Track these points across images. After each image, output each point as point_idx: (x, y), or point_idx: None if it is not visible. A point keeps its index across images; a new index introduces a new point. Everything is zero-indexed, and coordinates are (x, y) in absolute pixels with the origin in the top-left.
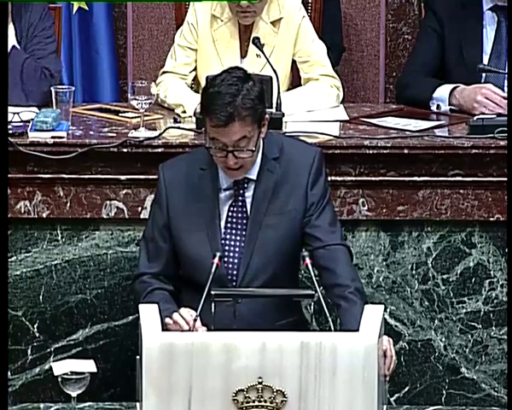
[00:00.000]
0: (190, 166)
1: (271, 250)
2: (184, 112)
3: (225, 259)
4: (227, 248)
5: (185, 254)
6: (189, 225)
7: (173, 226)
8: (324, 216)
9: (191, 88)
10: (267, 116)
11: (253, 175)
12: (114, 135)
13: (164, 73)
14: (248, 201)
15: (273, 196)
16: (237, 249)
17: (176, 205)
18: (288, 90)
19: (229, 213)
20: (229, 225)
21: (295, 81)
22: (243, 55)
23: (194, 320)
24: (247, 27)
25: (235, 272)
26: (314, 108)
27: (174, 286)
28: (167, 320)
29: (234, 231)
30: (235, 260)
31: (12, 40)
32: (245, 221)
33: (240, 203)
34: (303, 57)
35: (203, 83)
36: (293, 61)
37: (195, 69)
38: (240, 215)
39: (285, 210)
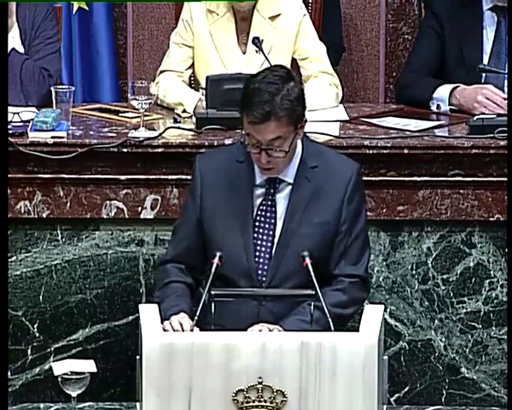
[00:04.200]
0: (227, 159)
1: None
2: (184, 111)
3: (256, 255)
4: (254, 246)
5: (216, 246)
6: (221, 217)
7: (205, 218)
8: (355, 245)
9: (190, 86)
10: (305, 119)
11: (289, 178)
12: (114, 135)
13: (161, 72)
14: (279, 202)
15: (308, 205)
16: (263, 249)
17: (210, 197)
18: None
19: (259, 212)
20: (257, 223)
21: None
22: (243, 50)
23: (192, 319)
24: (243, 21)
25: (260, 272)
26: (313, 108)
27: (195, 278)
28: (166, 324)
29: (262, 230)
30: (261, 260)
31: (16, 41)
32: (273, 221)
33: (269, 202)
34: (302, 55)
35: (202, 80)
36: (294, 59)
37: (192, 67)
38: (269, 215)
39: (319, 221)
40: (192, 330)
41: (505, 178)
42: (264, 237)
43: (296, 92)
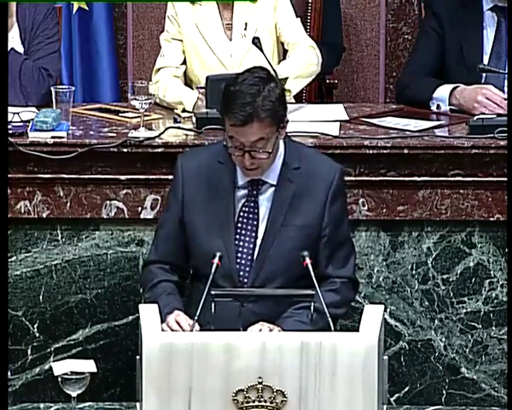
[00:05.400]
0: (209, 159)
1: (284, 261)
2: (184, 110)
3: (238, 256)
4: (236, 247)
5: (198, 247)
6: (203, 218)
7: (187, 218)
8: (342, 249)
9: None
10: (287, 119)
11: (272, 179)
12: (114, 135)
13: (157, 71)
14: (262, 203)
15: (291, 206)
16: (245, 250)
17: (191, 197)
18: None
19: (241, 213)
20: (239, 224)
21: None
22: (229, 36)
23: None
24: (226, 7)
25: (241, 273)
26: (299, 75)
27: (181, 276)
28: (164, 325)
29: (244, 232)
30: (243, 262)
31: (16, 41)
32: (255, 222)
33: (252, 204)
34: (280, 28)
35: (195, 73)
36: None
37: (185, 63)
38: (251, 216)
39: (302, 223)
40: (192, 330)
41: (505, 178)
42: (247, 239)
43: (277, 93)
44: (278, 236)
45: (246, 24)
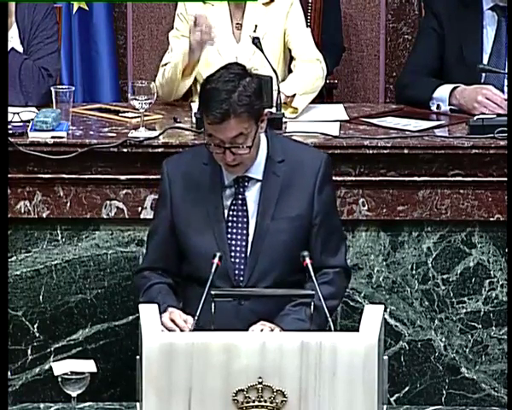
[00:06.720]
0: (193, 161)
1: (278, 254)
2: (184, 74)
3: (231, 255)
4: (229, 247)
5: (190, 249)
6: (193, 220)
7: (177, 221)
8: (333, 237)
9: (190, 89)
10: (266, 111)
11: (257, 175)
12: (114, 135)
13: (163, 66)
14: (250, 200)
15: (279, 199)
16: (238, 248)
17: (179, 200)
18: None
19: (231, 212)
20: (230, 224)
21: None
22: (237, 38)
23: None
24: (237, 8)
25: (236, 272)
26: (307, 91)
27: (173, 281)
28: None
29: (235, 230)
30: (237, 260)
31: (15, 41)
32: (245, 219)
33: (240, 202)
34: (289, 36)
35: (200, 70)
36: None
37: None
38: (240, 213)
39: (292, 214)
40: (191, 325)
41: (505, 178)
42: (239, 237)
43: (253, 87)
44: (269, 230)
45: (256, 26)
